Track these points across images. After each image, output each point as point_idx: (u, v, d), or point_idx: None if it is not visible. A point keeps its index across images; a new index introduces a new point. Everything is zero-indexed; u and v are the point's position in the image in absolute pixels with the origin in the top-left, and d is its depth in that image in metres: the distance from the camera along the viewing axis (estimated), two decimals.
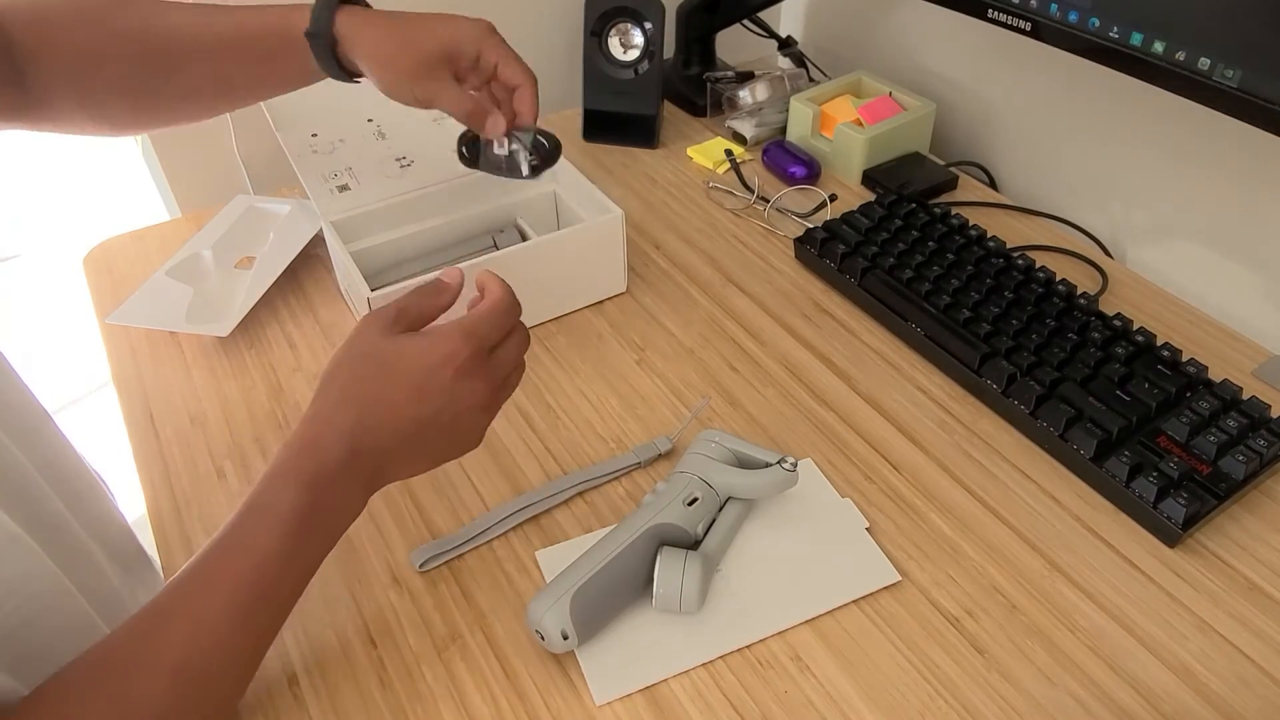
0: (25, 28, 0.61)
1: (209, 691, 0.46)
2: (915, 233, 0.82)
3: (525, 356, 0.57)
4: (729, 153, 0.99)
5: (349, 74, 0.68)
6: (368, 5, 0.67)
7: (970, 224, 0.83)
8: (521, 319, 0.56)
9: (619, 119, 1.01)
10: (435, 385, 0.51)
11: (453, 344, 0.51)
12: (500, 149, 0.72)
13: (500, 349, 0.54)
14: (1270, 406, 0.65)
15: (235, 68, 0.67)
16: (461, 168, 0.83)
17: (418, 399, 0.51)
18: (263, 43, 0.66)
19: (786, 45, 1.14)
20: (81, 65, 0.63)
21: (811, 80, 1.09)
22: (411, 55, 0.65)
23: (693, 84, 1.08)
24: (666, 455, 0.67)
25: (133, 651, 0.44)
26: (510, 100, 0.70)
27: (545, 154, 0.74)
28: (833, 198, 0.93)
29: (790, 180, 0.96)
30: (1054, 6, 0.70)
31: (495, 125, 0.69)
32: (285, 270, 0.82)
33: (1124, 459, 0.62)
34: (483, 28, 0.67)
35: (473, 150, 0.73)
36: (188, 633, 0.45)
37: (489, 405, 0.54)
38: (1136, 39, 0.66)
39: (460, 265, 0.71)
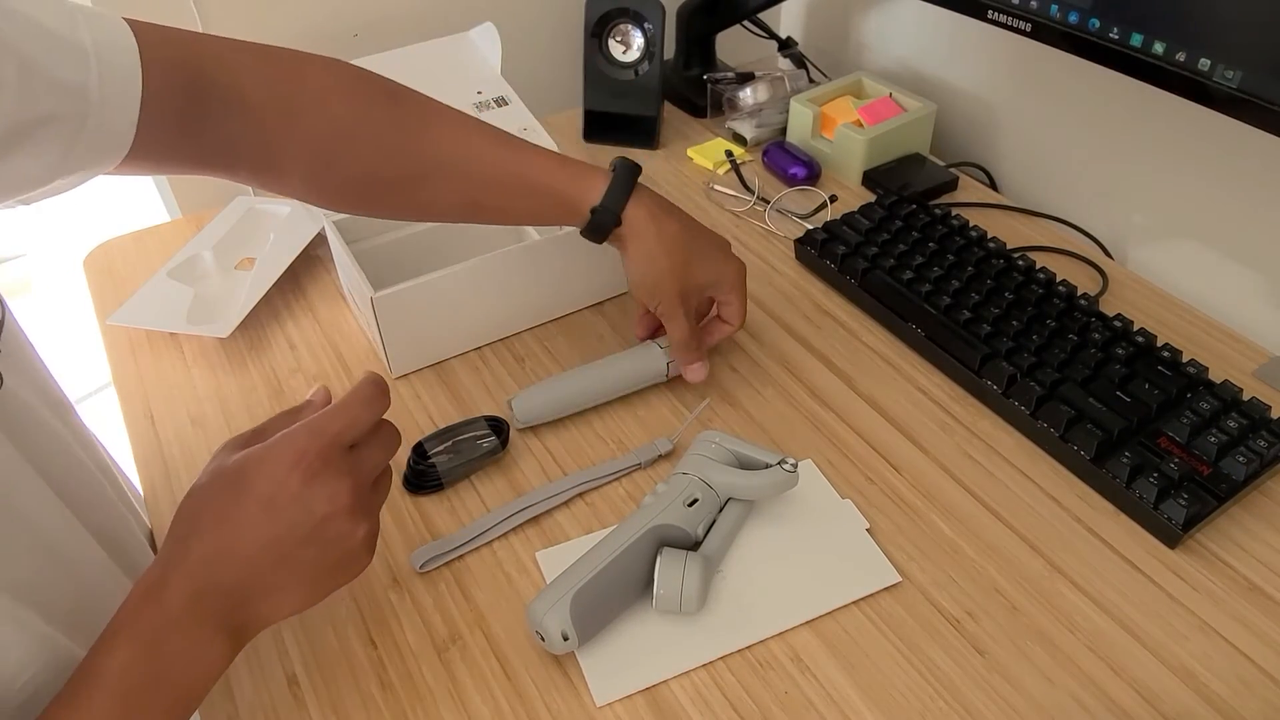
0: (271, 104, 0.58)
1: None
2: (915, 234, 0.82)
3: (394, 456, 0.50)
4: (729, 154, 0.99)
5: (602, 239, 0.68)
6: (650, 190, 0.68)
7: (970, 225, 0.83)
8: (390, 420, 0.50)
9: (619, 120, 1.01)
10: (286, 495, 0.44)
11: (298, 444, 0.45)
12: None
13: (361, 447, 0.48)
14: (1270, 407, 0.65)
15: (492, 207, 0.66)
16: None
17: (267, 515, 0.44)
18: (541, 201, 0.66)
19: (787, 46, 1.14)
20: (320, 152, 0.60)
21: (812, 81, 1.09)
22: (676, 282, 0.67)
23: (693, 85, 1.08)
24: (667, 456, 0.67)
25: None
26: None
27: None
28: (833, 199, 0.93)
29: (790, 181, 0.96)
30: (1054, 7, 0.70)
31: (695, 374, 0.70)
32: (285, 271, 0.82)
33: (1124, 460, 0.62)
34: (739, 276, 0.69)
35: (418, 467, 0.66)
36: None
37: (355, 508, 0.45)
38: (1136, 40, 0.66)
39: (463, 264, 0.72)
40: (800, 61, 1.12)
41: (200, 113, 0.54)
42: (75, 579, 0.49)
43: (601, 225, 0.66)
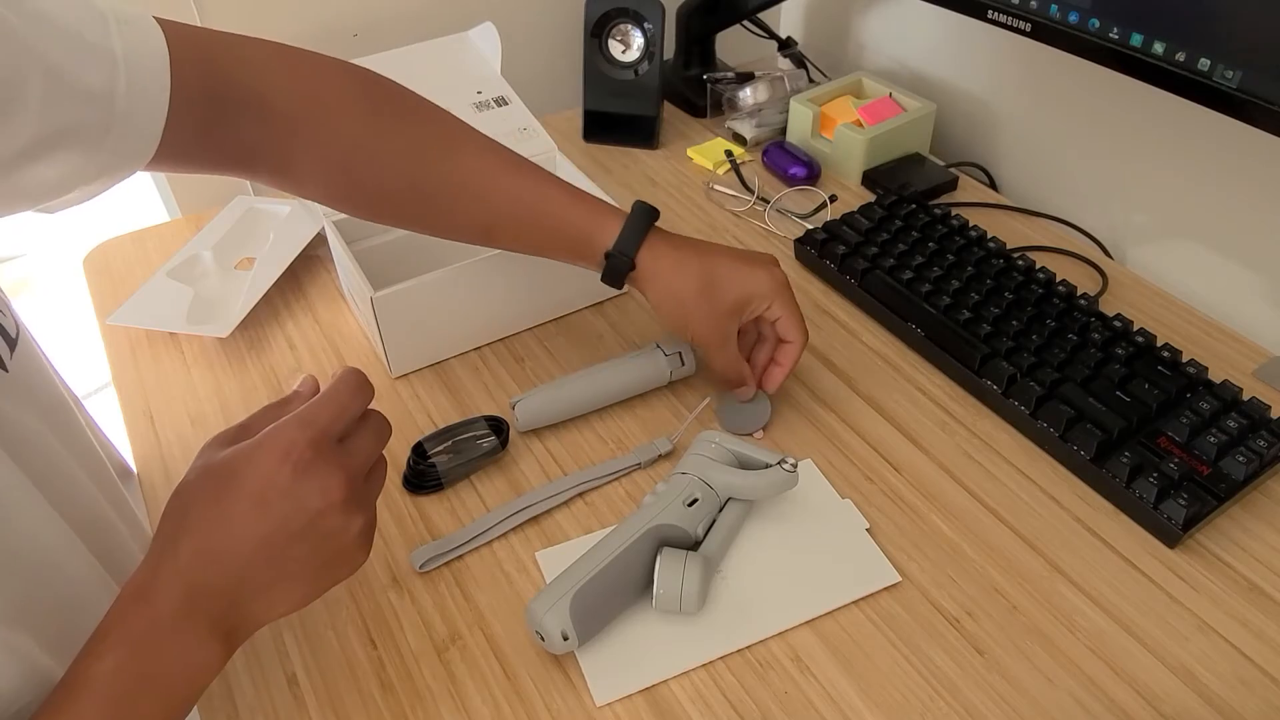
0: (300, 118, 0.58)
1: None
2: (915, 233, 0.82)
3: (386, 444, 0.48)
4: (729, 153, 0.99)
5: (621, 285, 0.66)
6: (666, 232, 0.66)
7: (970, 225, 0.83)
8: (378, 410, 0.49)
9: (619, 119, 1.01)
10: (276, 491, 0.42)
11: (287, 436, 0.43)
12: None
13: (351, 438, 0.46)
14: (1270, 407, 0.65)
15: (509, 239, 0.66)
16: None
17: (259, 512, 0.42)
18: (555, 237, 0.65)
19: (786, 46, 1.14)
20: (351, 166, 0.60)
21: (811, 81, 1.09)
22: (706, 311, 0.64)
23: (693, 84, 1.08)
24: (667, 456, 0.67)
25: None
26: (771, 348, 0.68)
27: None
28: (833, 198, 0.93)
29: (790, 181, 0.96)
30: (1054, 7, 0.70)
31: (745, 393, 0.69)
32: (285, 271, 0.82)
33: (1124, 460, 0.62)
34: (777, 283, 0.65)
35: (418, 467, 0.66)
36: None
37: (349, 501, 0.44)
38: (1136, 39, 0.66)
39: (463, 264, 0.72)
40: (800, 61, 1.12)
41: (221, 117, 0.54)
42: (72, 602, 0.48)
43: (616, 269, 0.64)
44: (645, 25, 0.98)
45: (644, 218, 0.64)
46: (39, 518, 0.48)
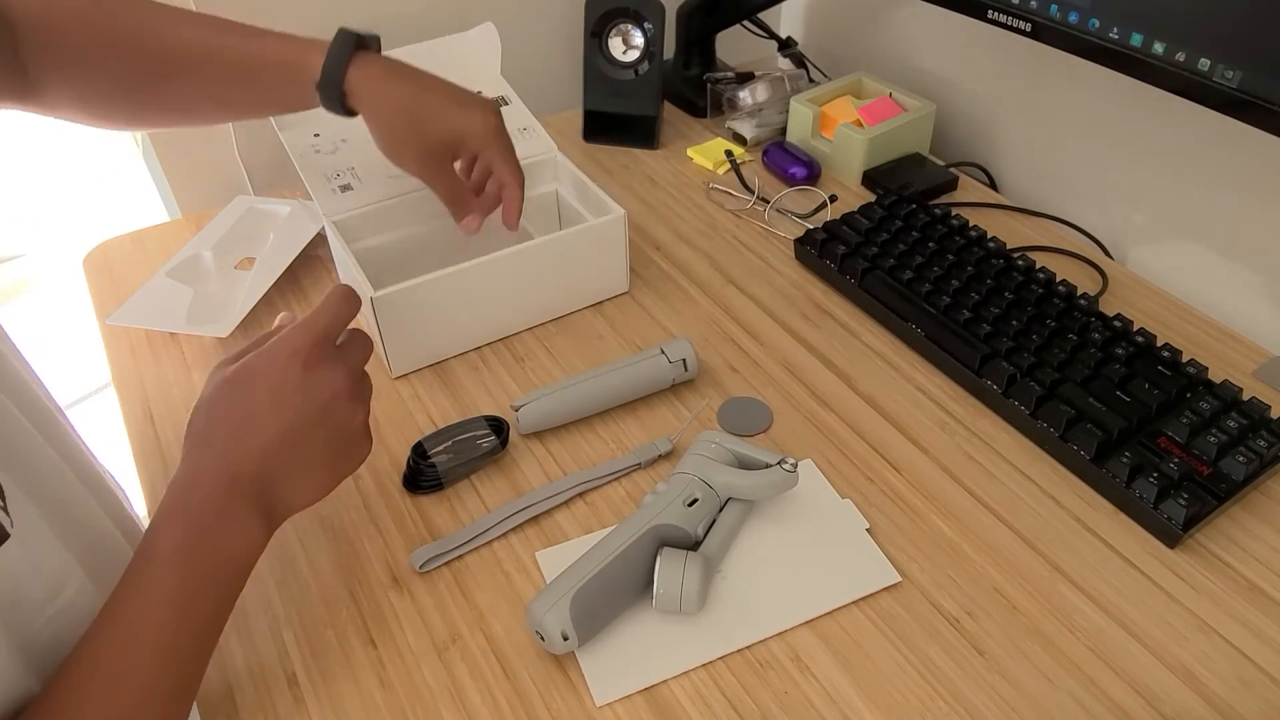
0: (31, 19, 0.61)
1: None
2: (915, 233, 0.82)
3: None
4: (729, 153, 0.99)
5: (352, 113, 0.69)
6: (378, 51, 0.69)
7: (970, 225, 0.83)
8: (363, 331, 0.55)
9: (619, 119, 1.02)
10: (290, 385, 0.49)
11: (293, 340, 0.50)
12: None
13: (345, 343, 0.54)
14: (1270, 407, 0.65)
15: (236, 92, 0.69)
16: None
17: (277, 404, 0.49)
18: (268, 76, 0.68)
19: (787, 46, 1.14)
20: (81, 63, 0.64)
21: (811, 81, 1.09)
22: (418, 139, 0.68)
23: (693, 85, 1.08)
24: (667, 456, 0.67)
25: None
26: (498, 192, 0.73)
27: None
28: (833, 198, 0.93)
29: (790, 181, 0.96)
30: (1054, 7, 0.70)
31: (471, 224, 0.72)
32: (285, 271, 0.82)
33: (1124, 460, 0.62)
34: (491, 127, 0.69)
35: (418, 467, 0.66)
36: (104, 690, 0.43)
37: (353, 393, 0.52)
38: (1136, 39, 0.66)
39: (463, 264, 0.72)
40: (800, 61, 1.12)
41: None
42: (90, 530, 0.50)
43: (327, 99, 0.67)
44: (645, 25, 0.98)
45: (347, 41, 0.66)
46: (52, 470, 0.50)
